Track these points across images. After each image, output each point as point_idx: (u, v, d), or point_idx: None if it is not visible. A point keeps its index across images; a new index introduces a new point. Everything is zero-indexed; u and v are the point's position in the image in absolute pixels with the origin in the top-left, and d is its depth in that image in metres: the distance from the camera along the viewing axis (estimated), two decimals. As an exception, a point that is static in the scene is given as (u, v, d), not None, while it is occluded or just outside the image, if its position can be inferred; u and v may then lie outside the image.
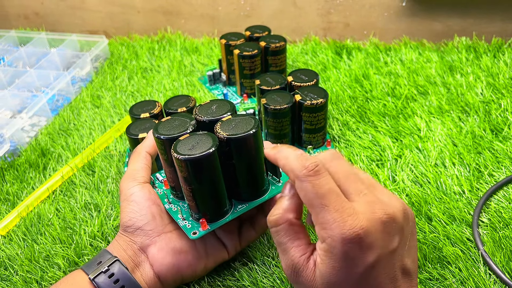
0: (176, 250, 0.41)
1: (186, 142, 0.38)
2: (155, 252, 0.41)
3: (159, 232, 0.42)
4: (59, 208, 0.55)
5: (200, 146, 0.37)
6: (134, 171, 0.44)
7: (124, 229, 0.42)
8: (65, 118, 0.70)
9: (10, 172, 0.61)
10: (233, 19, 0.88)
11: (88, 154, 0.61)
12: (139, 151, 0.46)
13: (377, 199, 0.32)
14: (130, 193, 0.42)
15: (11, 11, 0.98)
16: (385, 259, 0.31)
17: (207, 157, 0.37)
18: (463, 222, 0.49)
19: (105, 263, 0.39)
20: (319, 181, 0.31)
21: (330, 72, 0.74)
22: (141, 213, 0.41)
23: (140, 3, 0.90)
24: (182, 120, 0.42)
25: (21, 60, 0.83)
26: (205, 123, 0.41)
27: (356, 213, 0.31)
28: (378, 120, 0.63)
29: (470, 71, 0.70)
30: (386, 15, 0.81)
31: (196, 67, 0.80)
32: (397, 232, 0.32)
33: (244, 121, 0.39)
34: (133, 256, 0.41)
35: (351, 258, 0.30)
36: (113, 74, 0.80)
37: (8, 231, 0.53)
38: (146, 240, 0.41)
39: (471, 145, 0.57)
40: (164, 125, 0.41)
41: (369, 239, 0.30)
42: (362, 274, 0.31)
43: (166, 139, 0.39)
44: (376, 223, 0.31)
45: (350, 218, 0.30)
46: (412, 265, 0.34)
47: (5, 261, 0.49)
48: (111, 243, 0.42)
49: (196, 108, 0.42)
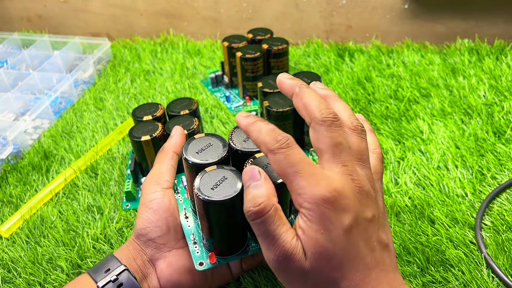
0: (184, 270, 0.41)
1: (211, 176, 0.36)
2: (164, 268, 0.40)
3: (171, 247, 0.41)
4: (62, 210, 0.55)
5: (225, 187, 0.36)
6: (159, 173, 0.43)
7: (137, 236, 0.41)
8: (68, 120, 0.70)
9: (13, 175, 0.61)
10: (235, 21, 0.88)
11: (91, 156, 0.61)
12: (166, 151, 0.44)
13: (351, 172, 0.32)
14: (150, 199, 0.41)
15: (14, 13, 0.98)
16: (362, 225, 0.32)
17: (228, 202, 0.35)
18: (466, 225, 0.48)
19: (113, 271, 0.38)
20: (291, 151, 0.32)
21: (332, 75, 0.74)
22: (157, 224, 0.40)
23: (142, 6, 0.90)
24: (216, 142, 0.40)
25: (24, 63, 0.83)
26: (237, 153, 0.39)
27: (329, 177, 0.32)
28: (381, 122, 0.63)
29: (473, 73, 0.70)
30: (389, 17, 0.81)
31: (199, 70, 0.80)
32: (370, 204, 0.33)
33: None
34: (142, 266, 0.40)
35: (328, 219, 0.31)
36: (116, 77, 0.80)
37: (11, 234, 0.53)
38: (156, 253, 0.41)
39: (474, 148, 0.57)
40: (195, 144, 0.39)
41: (344, 201, 0.31)
42: (343, 236, 0.31)
43: (193, 164, 0.38)
44: (349, 189, 0.32)
45: (323, 181, 0.31)
46: (387, 239, 0.34)
47: (8, 264, 0.49)
48: (120, 248, 0.42)
49: (233, 132, 0.40)
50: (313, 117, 0.33)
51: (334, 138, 0.32)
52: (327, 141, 0.32)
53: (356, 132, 0.34)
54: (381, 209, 0.35)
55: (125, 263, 0.39)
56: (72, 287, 0.39)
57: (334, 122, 0.33)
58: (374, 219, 0.33)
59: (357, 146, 0.34)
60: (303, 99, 0.34)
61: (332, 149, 0.32)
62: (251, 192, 0.33)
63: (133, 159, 0.56)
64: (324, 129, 0.32)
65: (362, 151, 0.34)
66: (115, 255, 0.40)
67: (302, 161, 0.32)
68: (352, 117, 0.35)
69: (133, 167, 0.55)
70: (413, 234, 0.48)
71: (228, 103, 0.71)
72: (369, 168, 0.34)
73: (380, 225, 0.34)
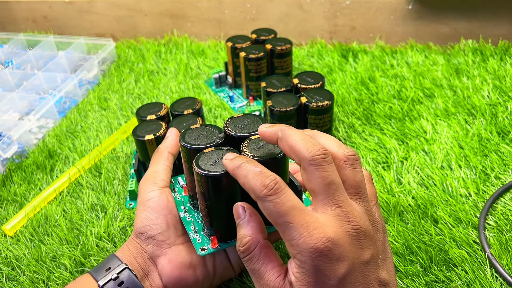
0: (185, 265, 0.41)
1: (209, 156, 0.37)
2: (165, 264, 0.41)
3: (171, 243, 0.41)
4: (66, 209, 0.55)
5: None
6: (155, 173, 0.43)
7: (136, 234, 0.41)
8: (72, 120, 0.71)
9: (18, 174, 0.61)
10: (239, 22, 0.88)
11: (95, 156, 0.62)
12: (161, 151, 0.45)
13: (346, 213, 0.31)
14: (148, 198, 0.42)
15: (19, 14, 0.99)
16: (358, 270, 0.31)
17: (227, 176, 0.36)
18: (469, 225, 0.48)
19: (114, 270, 0.39)
20: (280, 199, 0.31)
21: (336, 75, 0.74)
22: (156, 222, 0.41)
23: (147, 7, 0.91)
24: (210, 130, 0.41)
25: (29, 63, 0.84)
26: (233, 138, 0.40)
27: (321, 226, 0.30)
28: (384, 122, 0.63)
29: (477, 73, 0.70)
30: (392, 18, 0.81)
31: (202, 70, 0.80)
32: (368, 245, 0.32)
33: None
34: (143, 264, 0.40)
35: (322, 271, 0.30)
36: (120, 77, 0.80)
37: (16, 232, 0.53)
38: (157, 250, 0.41)
39: (478, 148, 0.57)
40: (191, 133, 0.41)
41: (338, 251, 0.30)
42: (336, 286, 0.30)
43: (191, 149, 0.39)
44: (343, 235, 0.30)
45: (315, 231, 0.30)
46: (388, 276, 0.33)
47: (13, 261, 0.50)
48: (121, 247, 0.42)
49: (228, 120, 0.41)
50: (302, 157, 0.32)
51: (326, 177, 0.31)
52: (319, 181, 0.31)
53: (349, 164, 0.33)
54: (381, 245, 0.33)
55: (126, 262, 0.40)
56: (73, 286, 0.39)
57: (324, 159, 0.31)
58: (373, 259, 0.32)
59: (353, 180, 0.33)
60: (288, 141, 0.33)
61: (325, 190, 0.31)
62: (239, 230, 0.34)
63: (137, 158, 0.56)
64: (314, 168, 0.31)
65: (358, 184, 0.33)
66: (116, 254, 0.41)
67: (293, 208, 0.30)
68: (341, 148, 0.34)
69: (136, 166, 0.56)
70: (416, 233, 0.48)
71: (232, 103, 0.71)
72: (367, 200, 0.33)
73: (380, 263, 0.33)
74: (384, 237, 0.34)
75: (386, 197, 0.52)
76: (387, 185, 0.54)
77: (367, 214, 0.33)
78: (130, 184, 0.56)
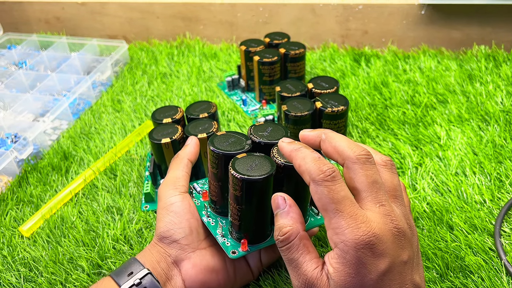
0: (209, 269, 0.41)
1: (244, 161, 0.38)
2: (189, 268, 0.41)
3: (195, 248, 0.42)
4: (82, 211, 0.56)
5: (259, 168, 0.38)
6: (175, 178, 0.44)
7: (160, 239, 0.42)
8: (86, 121, 0.71)
9: (34, 175, 0.62)
10: (251, 25, 0.89)
11: (109, 157, 0.62)
12: (181, 158, 0.46)
13: (389, 212, 0.32)
14: (171, 203, 0.42)
15: (32, 15, 0.99)
16: (397, 269, 0.32)
17: (265, 180, 0.37)
18: (484, 232, 0.48)
19: (136, 275, 0.39)
20: (335, 186, 0.32)
21: (348, 79, 0.74)
22: (180, 226, 0.41)
23: (159, 9, 0.91)
24: (237, 137, 0.42)
25: (42, 64, 0.84)
26: (259, 145, 0.41)
27: (368, 220, 0.31)
28: (398, 128, 0.63)
29: (490, 79, 0.70)
30: (405, 23, 0.81)
31: (215, 73, 0.81)
32: (407, 246, 0.33)
33: None
34: (166, 269, 0.41)
35: (364, 264, 0.31)
36: (133, 79, 0.81)
37: (32, 233, 0.54)
38: (181, 254, 0.41)
39: (492, 154, 0.57)
40: (219, 139, 0.41)
41: (382, 247, 0.31)
42: (375, 281, 0.31)
43: (223, 155, 0.40)
44: (387, 233, 0.32)
45: (363, 224, 0.31)
46: (420, 281, 0.34)
47: (30, 263, 0.50)
48: (142, 251, 0.42)
49: (251, 128, 0.43)
50: (347, 157, 0.33)
51: (370, 176, 0.33)
52: (363, 179, 0.33)
53: (387, 168, 0.35)
54: (416, 249, 0.34)
55: (149, 267, 0.40)
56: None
57: (368, 160, 0.33)
58: (409, 261, 0.33)
59: (391, 183, 0.34)
60: (332, 142, 0.35)
61: (369, 188, 0.33)
62: (278, 220, 0.35)
63: (152, 161, 0.57)
64: (359, 167, 0.33)
65: (395, 187, 0.34)
66: (138, 258, 0.41)
67: (345, 198, 0.32)
68: (379, 154, 0.36)
69: (152, 169, 0.56)
70: (432, 240, 0.48)
71: (245, 106, 0.71)
72: (404, 204, 0.35)
73: (414, 266, 0.34)
74: (417, 242, 0.35)
75: (401, 203, 0.52)
76: (401, 190, 0.54)
77: (405, 217, 0.34)
78: (145, 186, 0.56)
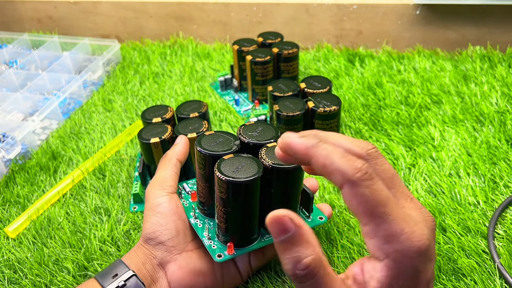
0: (196, 271, 0.40)
1: (230, 162, 0.37)
2: (175, 270, 0.40)
3: (181, 250, 0.41)
4: (69, 211, 0.55)
5: (245, 170, 0.36)
6: (163, 178, 0.43)
7: (145, 240, 0.41)
8: (76, 121, 0.70)
9: (21, 175, 0.60)
10: (245, 25, 0.88)
11: (99, 158, 0.61)
12: (169, 157, 0.45)
13: (420, 206, 0.28)
14: (157, 203, 0.41)
15: (24, 14, 0.98)
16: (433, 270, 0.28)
17: (251, 183, 0.36)
18: (478, 234, 0.48)
19: (121, 276, 0.38)
20: (377, 185, 0.26)
21: (342, 80, 0.74)
22: (166, 227, 0.40)
23: (152, 9, 0.90)
24: (226, 137, 0.41)
25: (33, 63, 0.83)
26: (248, 145, 0.40)
27: (417, 222, 0.27)
28: (391, 128, 0.62)
29: (485, 80, 0.70)
30: (400, 23, 0.81)
31: (208, 73, 0.80)
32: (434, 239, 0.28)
33: None
34: (151, 271, 0.40)
35: (419, 272, 0.26)
36: (125, 79, 0.80)
37: (18, 234, 0.53)
38: (166, 256, 0.40)
39: (486, 156, 0.56)
40: (207, 139, 0.41)
41: (432, 250, 0.27)
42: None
43: (209, 155, 0.39)
44: (431, 231, 0.27)
45: (416, 228, 0.26)
46: None
47: (15, 264, 0.49)
48: (128, 253, 0.41)
49: (241, 128, 0.42)
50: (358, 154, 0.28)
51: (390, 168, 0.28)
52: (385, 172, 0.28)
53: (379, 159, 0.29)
54: None
55: (134, 269, 0.39)
56: None
57: (378, 153, 0.29)
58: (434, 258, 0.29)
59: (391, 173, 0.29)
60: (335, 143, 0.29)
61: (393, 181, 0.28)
62: (291, 249, 0.26)
63: (142, 161, 0.56)
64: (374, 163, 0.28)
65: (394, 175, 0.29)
66: (123, 260, 0.40)
67: (389, 198, 0.26)
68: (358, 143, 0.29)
69: (141, 169, 0.55)
70: (425, 242, 0.47)
71: (237, 106, 0.70)
72: None
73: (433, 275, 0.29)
74: None
75: (393, 205, 0.51)
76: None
77: None
78: (134, 187, 0.55)
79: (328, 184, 0.55)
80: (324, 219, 0.43)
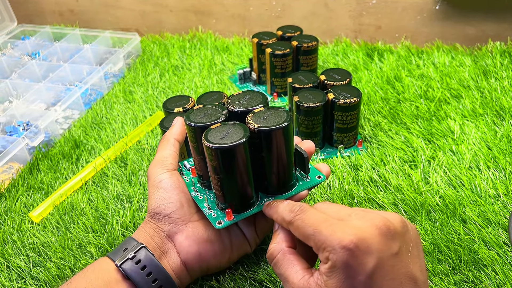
0: (203, 239, 0.41)
1: (217, 131, 0.38)
2: (182, 240, 0.41)
3: (187, 220, 0.42)
4: (92, 198, 0.56)
5: (231, 136, 0.37)
6: (163, 157, 0.44)
7: (151, 215, 0.42)
8: (97, 111, 0.71)
9: (45, 162, 0.62)
10: (264, 19, 0.88)
11: (120, 147, 0.62)
12: (167, 138, 0.46)
13: (371, 215, 0.33)
14: (159, 180, 0.42)
15: (46, 8, 1.00)
16: (387, 263, 0.31)
17: (237, 147, 0.36)
18: (499, 226, 0.48)
19: (131, 249, 0.39)
20: (306, 215, 0.34)
21: (361, 73, 0.74)
22: (170, 201, 0.41)
23: (172, 3, 0.91)
24: (213, 109, 0.42)
25: (55, 55, 0.85)
26: (237, 114, 0.41)
27: (347, 225, 0.32)
28: (411, 122, 0.62)
29: (505, 75, 0.69)
30: (419, 18, 0.81)
31: (227, 66, 0.80)
32: (397, 238, 0.32)
33: (277, 114, 0.39)
34: (160, 243, 0.41)
35: (352, 266, 0.31)
36: (145, 71, 0.81)
37: (42, 219, 0.54)
38: (173, 227, 0.41)
39: (507, 149, 0.56)
40: (195, 113, 0.41)
41: (366, 244, 0.31)
42: (365, 281, 0.31)
43: (197, 127, 0.40)
44: (371, 229, 0.32)
45: (340, 229, 0.32)
46: (420, 275, 0.33)
47: (39, 248, 0.50)
48: (136, 230, 0.42)
49: (229, 98, 0.42)
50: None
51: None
52: None
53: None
54: (411, 241, 0.34)
55: (143, 242, 0.40)
56: (92, 269, 0.40)
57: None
58: (401, 252, 0.32)
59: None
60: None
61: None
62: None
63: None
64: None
65: None
66: (133, 236, 0.41)
67: (319, 219, 0.33)
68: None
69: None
70: (445, 232, 0.47)
71: (256, 99, 0.71)
72: None
73: (411, 257, 0.33)
74: (416, 235, 0.35)
75: (413, 196, 0.51)
76: (414, 184, 0.53)
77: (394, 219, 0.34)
78: (155, 175, 0.56)
79: (347, 175, 0.55)
80: (322, 178, 0.43)
